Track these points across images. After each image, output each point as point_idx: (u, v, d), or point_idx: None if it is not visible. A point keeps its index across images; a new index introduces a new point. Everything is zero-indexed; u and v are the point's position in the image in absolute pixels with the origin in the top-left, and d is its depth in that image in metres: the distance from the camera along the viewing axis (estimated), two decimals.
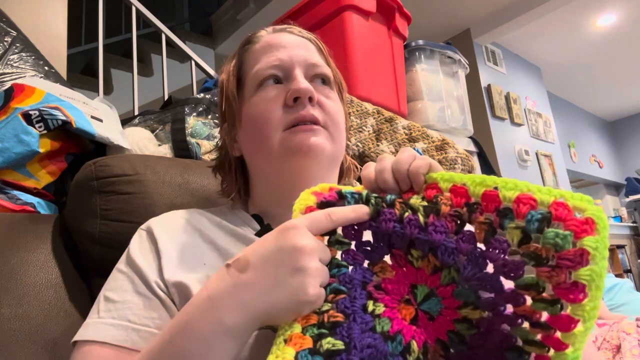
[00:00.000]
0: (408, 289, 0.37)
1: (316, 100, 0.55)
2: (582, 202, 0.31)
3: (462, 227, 0.35)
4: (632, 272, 4.31)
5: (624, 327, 1.18)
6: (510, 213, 0.33)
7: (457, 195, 0.37)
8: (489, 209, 0.34)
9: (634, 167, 5.59)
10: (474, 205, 0.35)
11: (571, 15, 3.64)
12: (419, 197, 0.39)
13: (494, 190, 0.34)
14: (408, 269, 0.37)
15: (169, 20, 3.76)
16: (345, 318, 0.33)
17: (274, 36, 0.60)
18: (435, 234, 0.35)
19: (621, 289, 1.66)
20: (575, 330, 0.29)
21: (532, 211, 0.31)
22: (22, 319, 0.59)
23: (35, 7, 1.58)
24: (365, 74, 1.34)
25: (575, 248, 0.30)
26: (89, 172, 0.72)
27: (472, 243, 0.34)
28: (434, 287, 0.36)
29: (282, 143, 0.53)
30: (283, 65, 0.56)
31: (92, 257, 0.71)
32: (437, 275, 0.36)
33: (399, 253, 0.38)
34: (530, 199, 0.32)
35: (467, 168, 1.24)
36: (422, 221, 0.36)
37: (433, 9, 3.46)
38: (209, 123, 1.06)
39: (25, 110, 0.82)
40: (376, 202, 0.38)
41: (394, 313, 0.36)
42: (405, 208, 0.37)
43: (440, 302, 0.36)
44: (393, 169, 0.41)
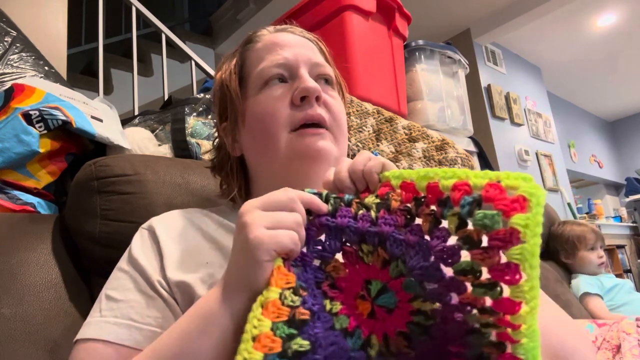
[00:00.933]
0: (362, 285, 0.38)
1: (322, 99, 0.55)
2: (516, 180, 0.30)
3: (411, 221, 0.36)
4: (632, 272, 4.30)
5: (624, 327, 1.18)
6: (449, 201, 0.33)
7: (407, 191, 0.38)
8: (433, 201, 0.35)
9: (633, 167, 5.59)
10: (420, 199, 0.36)
11: (571, 15, 3.64)
12: (373, 195, 0.40)
13: (435, 182, 0.35)
14: (360, 266, 0.38)
15: (169, 20, 3.76)
16: (311, 316, 0.33)
17: (276, 35, 0.59)
18: (384, 226, 0.36)
19: (621, 289, 1.66)
20: (522, 312, 0.29)
21: (465, 196, 0.32)
22: (22, 319, 0.59)
23: (35, 7, 1.58)
24: (365, 74, 1.34)
25: (506, 228, 0.29)
26: (89, 172, 0.72)
27: (420, 235, 0.35)
28: (386, 282, 0.37)
29: (289, 145, 0.53)
30: (289, 63, 0.56)
31: (92, 257, 0.71)
32: (386, 269, 0.37)
33: (351, 250, 0.38)
34: (464, 185, 0.32)
35: (467, 168, 1.24)
36: (373, 216, 0.37)
37: (433, 9, 3.46)
38: (209, 123, 1.06)
39: (26, 110, 0.82)
40: (334, 201, 0.39)
41: (351, 310, 0.37)
42: (360, 207, 0.38)
43: (394, 295, 0.37)
44: (349, 170, 0.42)
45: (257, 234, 0.34)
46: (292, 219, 0.36)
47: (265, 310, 0.32)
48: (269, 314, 0.31)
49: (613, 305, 1.61)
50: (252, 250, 0.34)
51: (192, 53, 2.22)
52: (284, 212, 0.37)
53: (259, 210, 0.36)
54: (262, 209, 0.37)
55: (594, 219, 4.38)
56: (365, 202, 0.39)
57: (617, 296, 1.63)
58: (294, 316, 0.32)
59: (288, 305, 0.32)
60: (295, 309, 0.32)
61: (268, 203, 0.37)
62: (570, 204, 3.95)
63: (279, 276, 0.34)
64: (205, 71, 2.20)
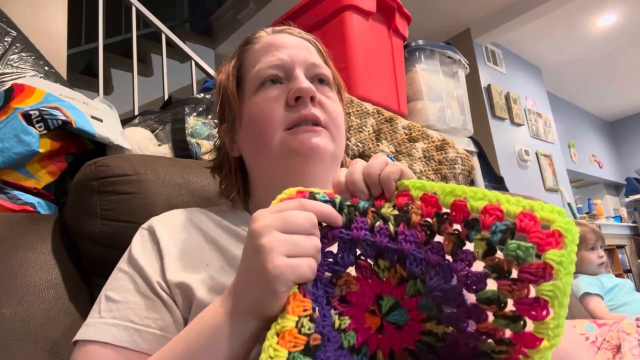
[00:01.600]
0: (373, 300, 0.36)
1: (317, 100, 0.55)
2: (552, 213, 0.29)
3: (431, 238, 0.35)
4: (632, 272, 4.31)
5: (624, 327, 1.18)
6: (477, 224, 0.32)
7: (427, 205, 0.36)
8: (458, 220, 0.33)
9: (633, 167, 5.59)
10: (443, 216, 0.35)
11: (571, 15, 3.64)
12: (390, 204, 0.37)
13: (462, 200, 0.33)
14: (373, 280, 0.36)
15: (169, 20, 3.76)
16: (322, 338, 0.33)
17: (274, 37, 0.60)
18: (405, 243, 0.34)
19: (621, 289, 1.66)
20: (541, 346, 0.28)
21: (497, 222, 0.30)
22: (22, 319, 0.59)
23: (35, 7, 1.58)
24: (365, 74, 1.34)
25: (539, 262, 0.28)
26: (89, 172, 0.72)
27: (440, 254, 0.34)
28: (399, 299, 0.36)
29: (283, 143, 0.53)
30: (284, 64, 0.56)
31: (92, 257, 0.71)
32: (403, 286, 0.35)
33: (365, 264, 0.36)
34: (497, 210, 0.31)
35: (467, 168, 1.24)
36: (392, 230, 0.35)
37: (433, 9, 3.46)
38: (209, 123, 1.06)
39: (26, 110, 0.82)
40: (349, 210, 0.37)
41: (359, 323, 0.36)
42: (377, 217, 0.36)
43: (406, 313, 0.36)
44: (364, 173, 0.40)
45: (276, 263, 0.32)
46: (311, 244, 0.34)
47: (281, 340, 0.31)
48: (286, 343, 0.30)
49: (613, 305, 1.61)
50: (271, 281, 0.32)
51: (192, 53, 2.22)
52: (303, 237, 0.34)
53: (277, 231, 0.34)
54: (280, 229, 0.34)
55: (594, 219, 4.38)
56: (383, 213, 0.37)
57: (617, 296, 1.63)
58: (308, 343, 0.31)
59: (305, 333, 0.31)
60: (310, 335, 0.32)
61: (286, 223, 0.34)
62: (571, 204, 3.95)
63: (296, 303, 0.32)
64: (205, 71, 2.20)
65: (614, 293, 1.64)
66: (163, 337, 0.46)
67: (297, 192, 0.40)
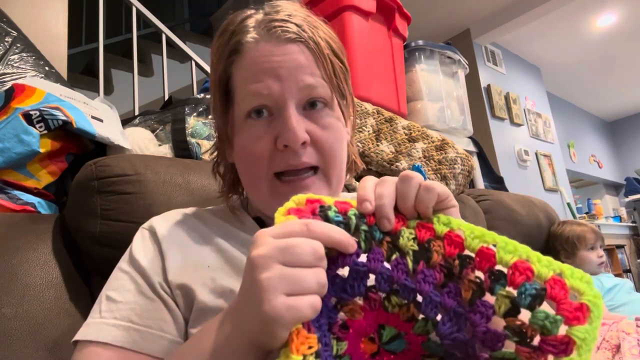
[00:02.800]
0: (374, 329, 0.35)
1: (309, 142, 0.49)
2: (582, 283, 0.29)
3: (450, 280, 0.33)
4: (631, 272, 4.31)
5: (624, 327, 1.18)
6: (504, 279, 0.30)
7: (451, 244, 0.34)
8: (482, 268, 0.32)
9: (633, 167, 5.59)
10: (467, 260, 0.32)
11: (571, 15, 3.64)
12: (410, 234, 0.35)
13: (491, 248, 0.31)
14: (380, 312, 0.35)
15: (169, 20, 3.76)
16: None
17: (262, 50, 0.50)
18: (423, 284, 0.33)
19: (621, 289, 1.66)
20: None
21: (526, 283, 0.29)
22: (22, 319, 0.59)
23: (35, 7, 1.58)
24: (365, 74, 1.34)
25: (562, 335, 0.27)
26: (89, 172, 0.72)
27: (457, 300, 0.32)
28: (403, 332, 0.35)
29: (273, 189, 0.50)
30: (273, 95, 0.49)
31: (92, 257, 0.71)
32: (411, 323, 0.34)
33: (376, 297, 0.34)
34: (527, 269, 0.29)
35: (467, 168, 1.24)
36: (410, 267, 0.33)
37: (433, 9, 3.46)
38: (209, 123, 1.06)
39: (26, 110, 0.82)
40: (365, 236, 0.34)
41: (355, 348, 0.35)
42: (393, 250, 0.34)
43: (406, 344, 0.35)
44: (398, 196, 0.37)
45: (274, 304, 0.29)
46: (315, 280, 0.31)
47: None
48: None
49: (612, 305, 1.61)
50: (268, 324, 0.29)
51: (192, 53, 2.22)
52: (306, 271, 0.31)
53: (277, 265, 0.30)
54: (281, 261, 0.30)
55: (594, 219, 4.38)
56: (401, 246, 0.34)
57: (616, 296, 1.63)
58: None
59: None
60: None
61: (289, 255, 0.31)
62: (570, 204, 3.95)
63: (300, 340, 0.29)
64: (206, 71, 2.20)
65: (613, 293, 1.64)
66: (163, 337, 0.46)
67: (307, 201, 0.36)
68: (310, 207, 0.35)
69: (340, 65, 0.56)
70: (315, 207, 0.35)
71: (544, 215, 1.62)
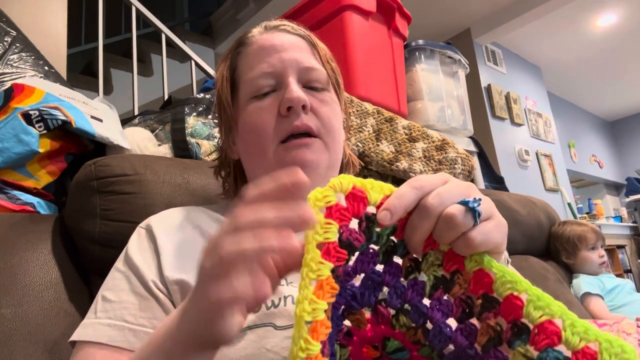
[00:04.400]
0: (379, 340, 0.34)
1: (309, 107, 0.54)
2: (621, 357, 0.24)
3: (465, 318, 0.31)
4: (632, 272, 4.30)
5: (624, 327, 1.18)
6: (527, 335, 0.27)
7: (477, 284, 0.30)
8: (506, 316, 0.28)
9: (634, 167, 5.59)
10: (492, 303, 0.29)
11: (572, 14, 3.64)
12: (437, 257, 0.31)
13: (521, 299, 0.28)
14: (386, 327, 0.33)
15: (169, 20, 3.76)
16: None
17: (266, 38, 0.58)
18: (436, 311, 0.31)
19: (622, 290, 1.66)
20: None
21: (550, 348, 0.26)
22: (22, 319, 0.59)
23: (35, 7, 1.58)
24: (365, 74, 1.34)
25: None
26: (88, 172, 0.71)
27: (472, 341, 0.30)
28: (409, 349, 0.34)
29: (277, 158, 0.53)
30: (275, 71, 0.55)
31: (91, 257, 0.71)
32: (417, 346, 0.33)
33: (385, 312, 0.33)
34: (554, 334, 0.26)
35: (467, 168, 1.24)
36: (427, 291, 0.31)
37: (433, 9, 3.46)
38: (209, 123, 1.05)
39: (25, 110, 0.82)
40: (386, 249, 0.32)
41: (358, 353, 0.34)
42: (412, 270, 0.32)
43: (409, 354, 0.34)
44: (441, 222, 0.30)
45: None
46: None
47: None
48: None
49: (613, 305, 1.61)
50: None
51: (192, 53, 2.22)
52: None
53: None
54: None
55: (594, 219, 4.38)
56: (423, 269, 0.32)
57: (617, 297, 1.63)
58: None
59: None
60: None
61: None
62: (571, 204, 3.95)
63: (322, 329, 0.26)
64: (205, 71, 2.20)
65: (614, 294, 1.63)
66: None
67: (351, 193, 0.30)
68: (354, 207, 0.30)
69: (333, 64, 0.62)
70: (359, 211, 0.30)
71: (545, 215, 1.62)
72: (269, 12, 3.16)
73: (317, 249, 0.27)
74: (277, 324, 0.44)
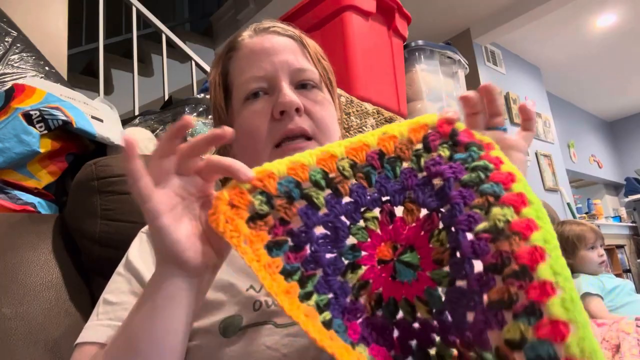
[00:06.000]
0: (405, 245, 0.38)
1: (303, 110, 0.54)
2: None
3: (493, 269, 0.32)
4: (631, 272, 4.31)
5: (624, 327, 1.19)
6: (536, 319, 0.29)
7: (524, 227, 0.34)
8: (532, 294, 0.30)
9: (633, 167, 5.59)
10: (525, 277, 0.31)
11: (571, 15, 3.64)
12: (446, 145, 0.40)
13: (554, 291, 0.30)
14: (424, 235, 0.38)
15: (169, 20, 3.76)
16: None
17: (256, 41, 0.58)
18: (469, 247, 0.34)
19: (622, 290, 1.66)
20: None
21: (547, 341, 0.27)
22: (22, 319, 0.59)
23: (35, 8, 1.58)
24: (365, 74, 1.34)
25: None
26: (89, 172, 0.72)
27: (482, 289, 0.33)
28: (422, 269, 0.37)
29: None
30: (267, 75, 0.55)
31: (92, 257, 0.71)
32: (434, 267, 0.37)
33: (436, 220, 0.37)
34: (561, 334, 0.27)
35: None
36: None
37: (433, 9, 3.46)
38: (209, 123, 1.06)
39: (26, 110, 0.82)
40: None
41: (375, 272, 0.38)
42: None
43: (418, 260, 0.37)
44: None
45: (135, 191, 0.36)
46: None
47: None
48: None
49: (613, 306, 1.61)
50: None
51: (192, 53, 2.22)
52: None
53: None
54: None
55: (594, 219, 4.38)
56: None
57: (617, 297, 1.63)
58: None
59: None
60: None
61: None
62: (570, 204, 3.95)
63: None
64: (205, 71, 2.20)
65: (614, 294, 1.64)
66: None
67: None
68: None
69: (325, 62, 0.62)
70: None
71: None
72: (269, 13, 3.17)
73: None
74: (277, 322, 0.45)
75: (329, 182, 0.37)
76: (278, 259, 0.34)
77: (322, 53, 0.62)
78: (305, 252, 0.36)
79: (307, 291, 0.33)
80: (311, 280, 0.34)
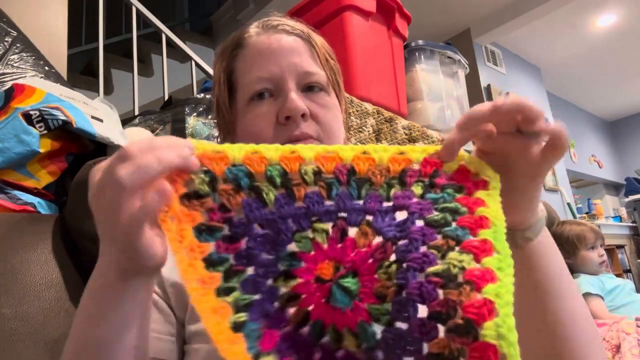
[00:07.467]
0: (331, 269, 0.34)
1: (309, 115, 0.53)
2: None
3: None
4: (631, 272, 4.31)
5: (624, 327, 1.19)
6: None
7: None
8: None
9: (633, 167, 5.59)
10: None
11: (571, 15, 3.64)
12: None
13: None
14: (372, 263, 0.34)
15: (169, 20, 3.76)
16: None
17: (263, 40, 0.56)
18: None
19: (622, 290, 1.66)
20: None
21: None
22: (22, 319, 0.59)
23: (35, 7, 1.58)
24: (365, 74, 1.34)
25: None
26: (89, 172, 0.72)
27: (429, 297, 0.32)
28: (359, 298, 0.33)
29: None
30: (274, 77, 0.54)
31: (92, 257, 0.70)
32: (373, 300, 0.33)
33: (390, 250, 0.34)
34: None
35: None
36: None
37: (433, 9, 3.46)
38: (209, 123, 1.06)
39: (26, 110, 0.82)
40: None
41: (309, 289, 0.34)
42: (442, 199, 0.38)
43: (358, 289, 0.33)
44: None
45: None
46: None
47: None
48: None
49: (613, 306, 1.61)
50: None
51: (192, 53, 2.22)
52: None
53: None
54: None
55: (594, 219, 4.38)
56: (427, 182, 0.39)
57: (618, 297, 1.63)
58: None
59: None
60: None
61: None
62: (570, 204, 3.95)
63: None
64: (205, 71, 2.20)
65: (614, 294, 1.64)
66: (153, 337, 0.46)
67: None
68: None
69: (332, 62, 0.61)
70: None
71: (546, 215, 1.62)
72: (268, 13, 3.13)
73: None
74: None
75: (285, 182, 0.35)
76: (206, 245, 0.32)
77: (330, 52, 0.61)
78: (239, 245, 0.33)
79: (229, 286, 0.31)
80: (238, 276, 0.32)
